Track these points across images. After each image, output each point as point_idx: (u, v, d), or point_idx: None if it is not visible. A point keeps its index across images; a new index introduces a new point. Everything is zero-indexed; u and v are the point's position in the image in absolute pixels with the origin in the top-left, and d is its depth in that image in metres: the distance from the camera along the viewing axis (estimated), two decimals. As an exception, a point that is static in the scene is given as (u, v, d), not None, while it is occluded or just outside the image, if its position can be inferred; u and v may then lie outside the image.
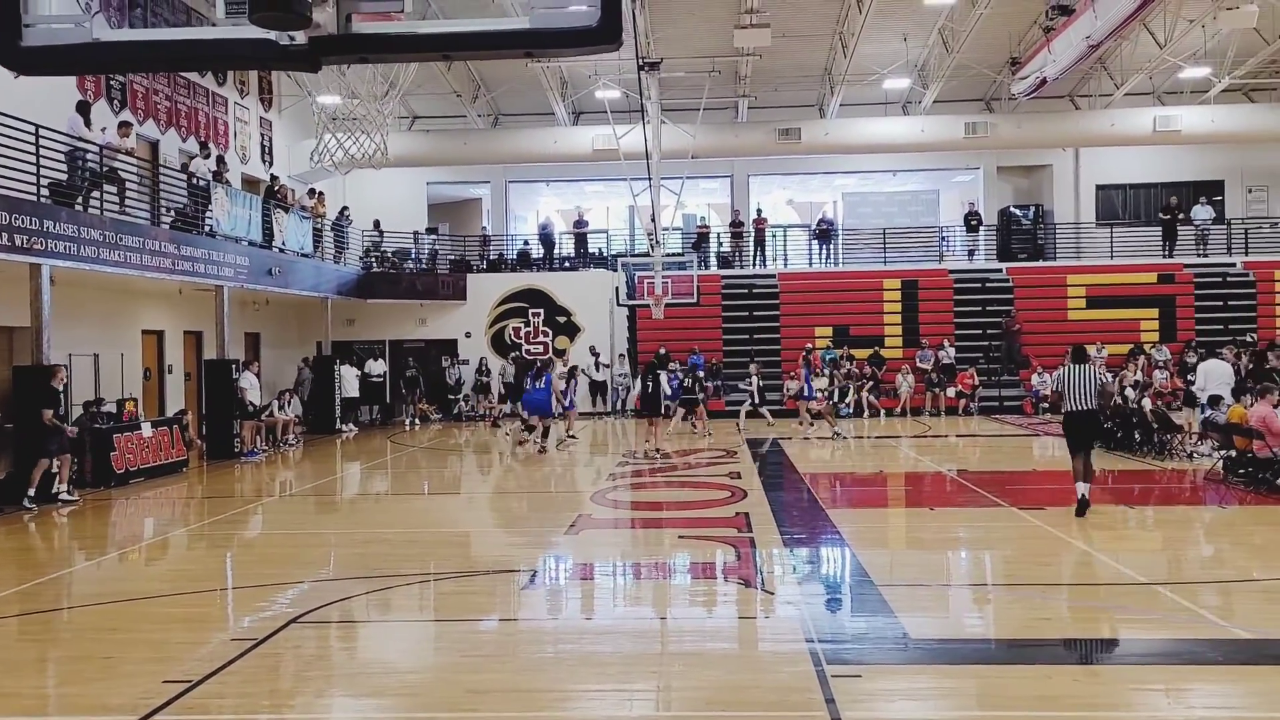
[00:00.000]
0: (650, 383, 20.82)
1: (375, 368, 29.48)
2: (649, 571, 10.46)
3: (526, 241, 34.47)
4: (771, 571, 10.19)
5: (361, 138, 17.10)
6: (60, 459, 15.40)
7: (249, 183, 26.91)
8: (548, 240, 33.86)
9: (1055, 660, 7.29)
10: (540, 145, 32.40)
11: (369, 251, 30.74)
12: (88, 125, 17.71)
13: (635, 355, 30.44)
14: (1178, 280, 30.95)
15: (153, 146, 22.92)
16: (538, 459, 20.25)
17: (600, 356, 30.24)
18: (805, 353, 26.01)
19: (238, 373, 21.36)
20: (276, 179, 26.95)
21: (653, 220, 26.70)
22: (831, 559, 10.95)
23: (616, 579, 10.36)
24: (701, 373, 26.45)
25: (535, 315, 31.40)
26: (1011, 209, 34.80)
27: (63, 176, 16.86)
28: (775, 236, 35.21)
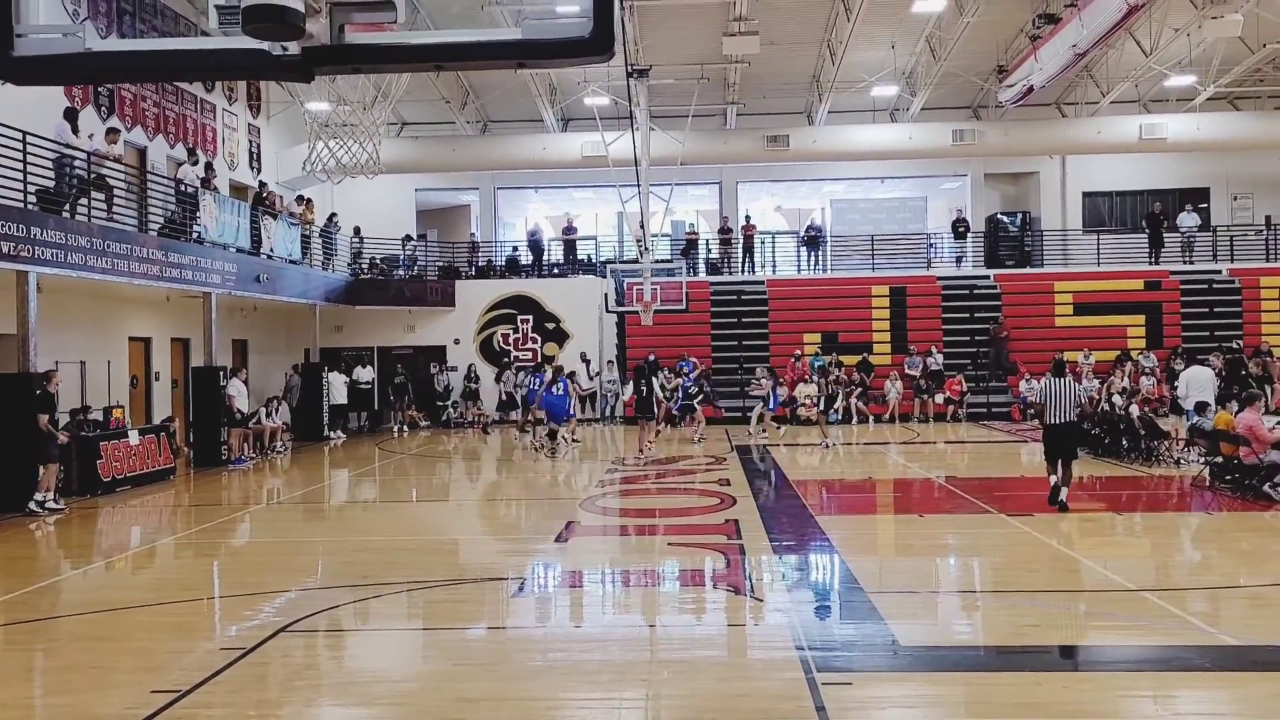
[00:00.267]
0: (644, 386, 21.43)
1: (363, 374, 29.43)
2: (638, 579, 10.46)
3: (515, 248, 34.41)
4: (761, 579, 10.20)
5: (353, 146, 17.12)
6: (47, 467, 15.35)
7: (237, 189, 26.85)
8: (536, 247, 33.84)
9: (1044, 667, 7.32)
10: (529, 152, 32.39)
11: (357, 257, 30.73)
12: (75, 132, 17.67)
13: (624, 362, 30.43)
14: (1164, 287, 31.04)
15: (140, 153, 22.85)
16: (532, 465, 20.26)
17: (591, 363, 30.24)
18: (792, 361, 26.06)
19: (225, 380, 21.30)
20: (265, 185, 26.91)
21: (641, 227, 26.71)
22: (821, 566, 10.96)
23: (606, 586, 10.36)
24: (688, 380, 26.56)
25: (524, 322, 31.39)
26: (999, 216, 34.88)
27: (50, 183, 16.80)
28: (764, 243, 35.24)
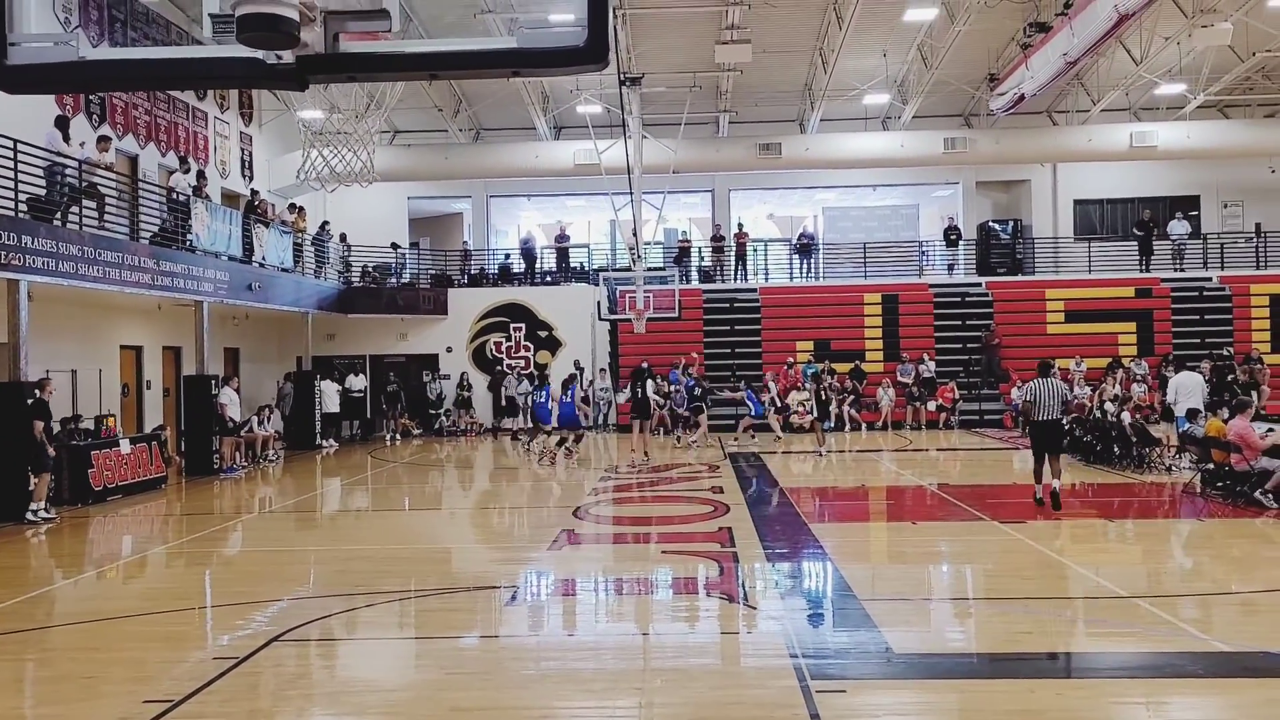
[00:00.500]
0: (639, 391, 21.90)
1: (356, 383, 29.38)
2: (632, 587, 10.45)
3: (508, 256, 34.44)
4: (755, 586, 10.19)
5: (347, 154, 17.12)
6: (39, 476, 15.31)
7: (229, 197, 26.83)
8: (529, 255, 33.84)
9: (1038, 674, 7.32)
10: (521, 160, 32.39)
11: (349, 266, 30.71)
12: (66, 140, 17.66)
13: (617, 369, 30.43)
14: (1155, 294, 31.13)
15: (132, 161, 22.83)
16: (525, 473, 20.25)
17: (585, 371, 30.23)
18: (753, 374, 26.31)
19: (217, 388, 21.25)
20: (257, 194, 26.89)
21: (634, 235, 26.72)
22: (814, 573, 10.96)
23: (599, 595, 10.35)
24: (677, 385, 26.67)
25: (517, 330, 31.38)
26: (990, 224, 34.95)
27: (41, 192, 16.79)
28: (756, 251, 35.23)
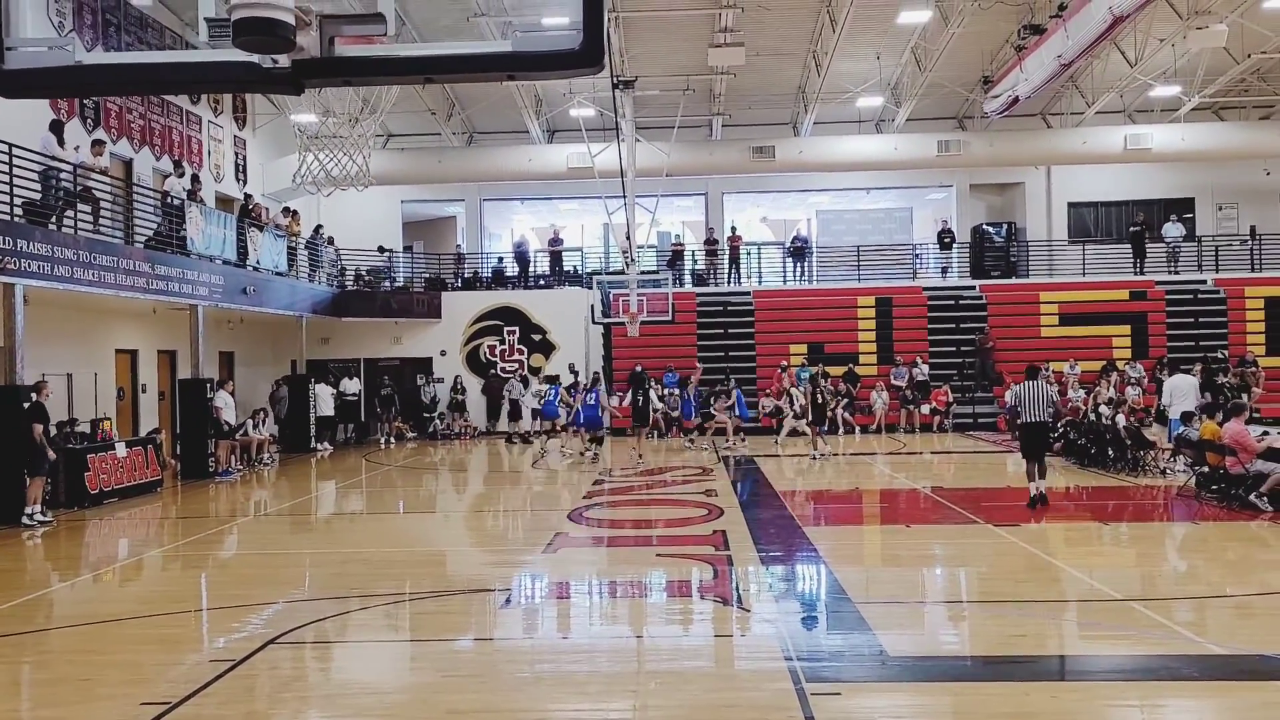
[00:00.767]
0: (640, 395, 22.58)
1: (350, 386, 29.37)
2: (626, 590, 10.46)
3: (501, 259, 34.42)
4: (749, 589, 10.20)
5: (343, 158, 17.11)
6: (33, 480, 15.28)
7: (223, 201, 26.82)
8: (523, 258, 33.84)
9: (1032, 677, 7.32)
10: (515, 163, 32.40)
11: (344, 271, 30.71)
12: (61, 144, 17.63)
13: (611, 373, 30.42)
14: (1149, 297, 31.16)
15: (126, 165, 22.81)
16: (520, 476, 20.27)
17: (579, 375, 30.19)
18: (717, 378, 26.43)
19: (212, 392, 21.24)
20: (250, 197, 26.87)
21: (628, 238, 26.73)
22: (809, 576, 10.98)
23: (594, 598, 10.36)
24: (671, 389, 26.75)
25: (510, 333, 31.38)
26: (984, 226, 34.95)
27: (36, 196, 16.77)
28: (750, 254, 35.21)
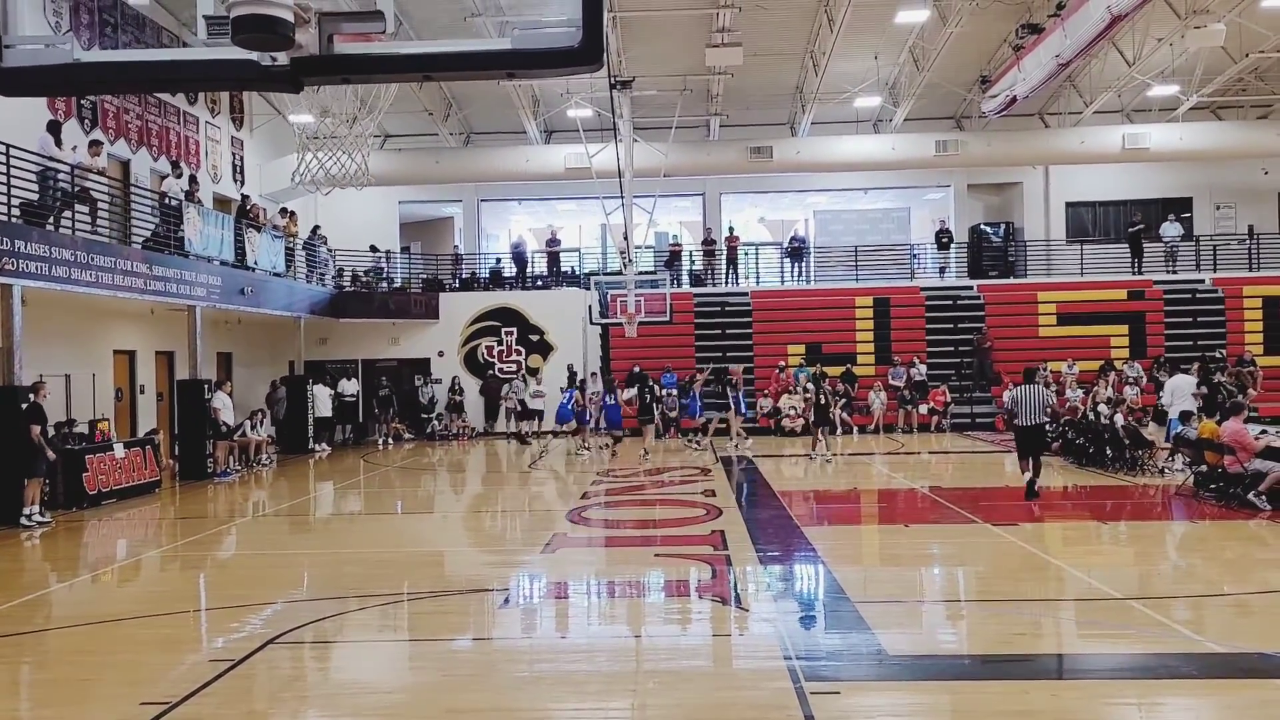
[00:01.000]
0: (646, 394, 22.98)
1: (348, 387, 29.36)
2: (625, 590, 10.46)
3: (499, 260, 34.40)
4: (748, 589, 10.20)
5: (342, 157, 17.08)
6: (30, 481, 15.26)
7: (220, 202, 26.80)
8: (520, 259, 33.81)
9: (1031, 675, 7.32)
10: (512, 164, 32.38)
11: (341, 272, 30.71)
12: (58, 145, 17.61)
13: (609, 373, 30.40)
14: (1147, 297, 31.18)
15: (124, 166, 22.80)
16: (517, 476, 20.29)
17: (577, 375, 30.18)
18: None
19: (210, 393, 21.22)
20: (248, 198, 26.85)
21: (625, 239, 26.72)
22: (807, 576, 10.97)
23: (592, 598, 10.35)
24: (669, 389, 26.75)
25: (508, 334, 31.36)
26: (982, 226, 34.95)
27: (34, 196, 16.76)
28: (747, 254, 35.20)
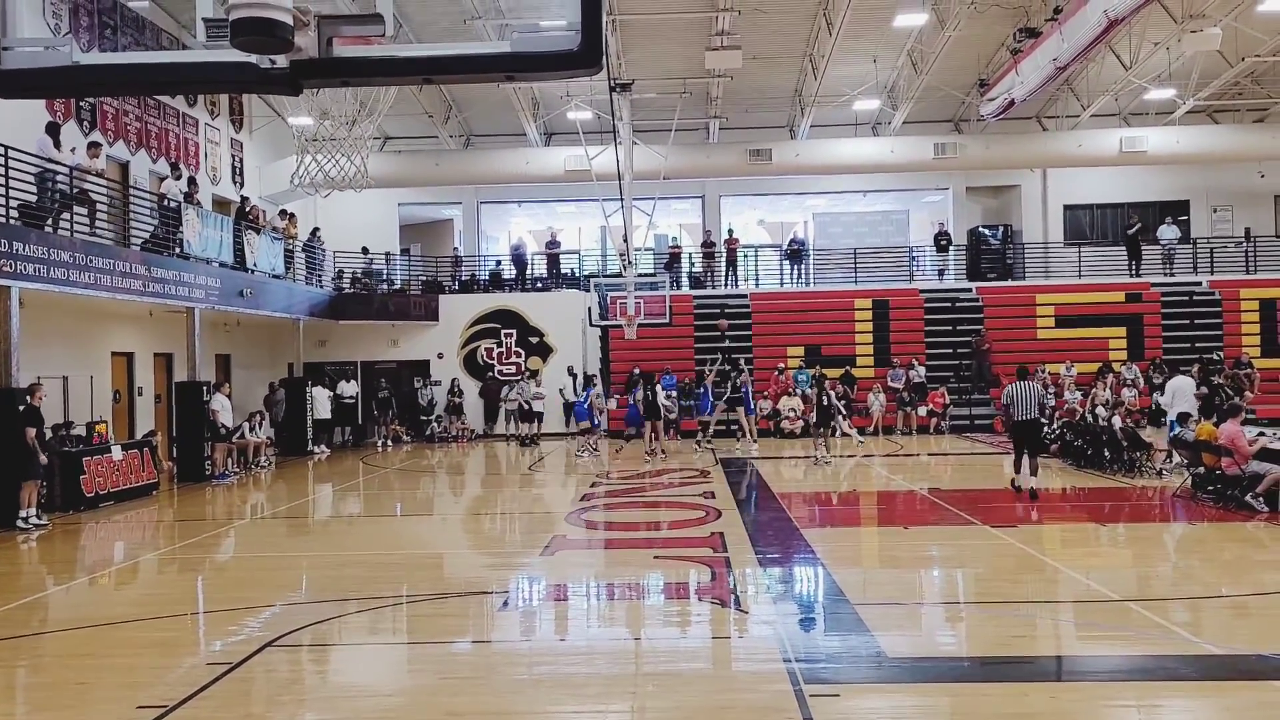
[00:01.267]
0: (650, 393, 23.29)
1: (347, 389, 29.34)
2: (624, 592, 10.45)
3: (499, 262, 34.41)
4: (747, 591, 10.20)
5: (342, 160, 17.11)
6: (26, 484, 15.23)
7: (220, 204, 26.77)
8: (520, 261, 33.81)
9: (1030, 677, 7.32)
10: (512, 166, 32.40)
11: (341, 274, 30.72)
12: (57, 146, 17.61)
13: (608, 375, 30.44)
14: (1145, 299, 31.19)
15: (123, 168, 22.79)
16: (516, 478, 20.30)
17: (577, 378, 30.20)
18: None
19: (209, 395, 21.21)
20: (247, 200, 26.84)
21: (625, 241, 26.73)
22: (806, 578, 10.97)
23: (592, 600, 10.34)
24: (670, 391, 26.75)
25: (508, 336, 31.35)
26: (980, 229, 34.98)
27: (32, 198, 16.75)
28: (747, 256, 35.25)
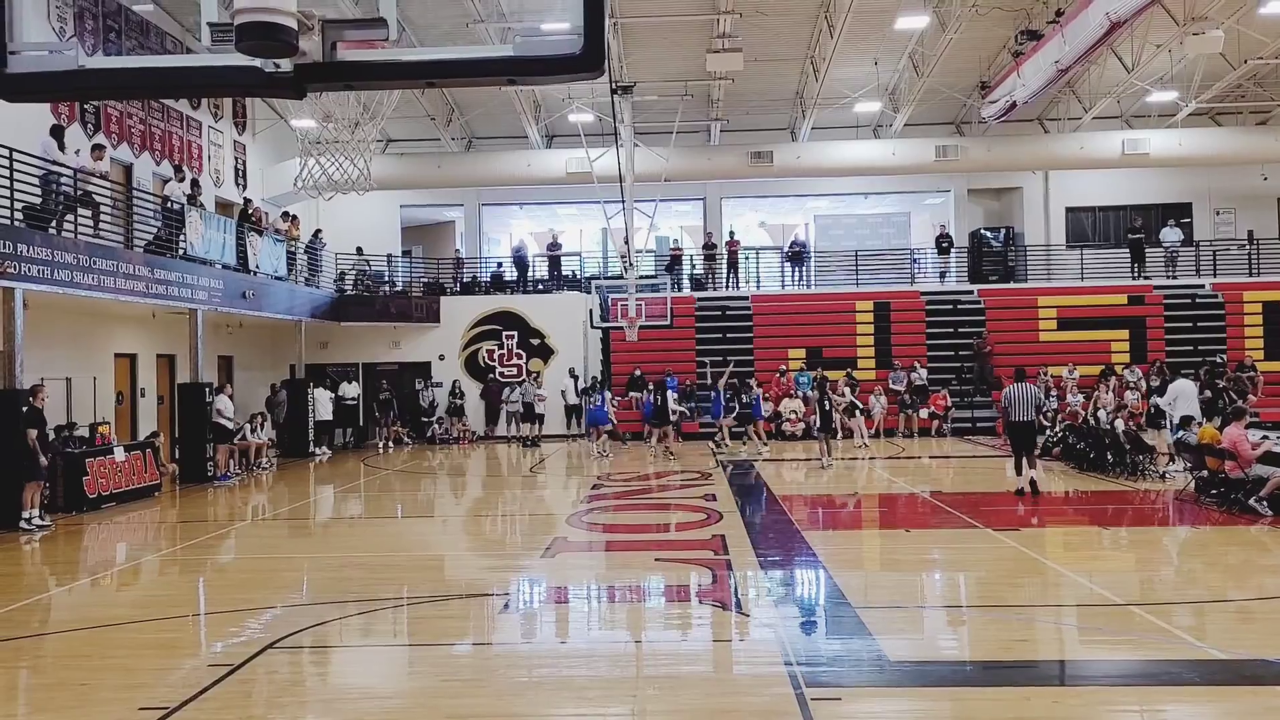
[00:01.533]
0: (660, 397, 23.69)
1: (349, 391, 29.35)
2: (625, 595, 10.45)
3: (500, 264, 34.42)
4: (748, 594, 10.20)
5: (344, 162, 17.10)
6: (29, 485, 15.24)
7: (222, 206, 26.79)
8: (521, 263, 33.83)
9: (1032, 681, 7.32)
10: (514, 168, 32.43)
11: (343, 275, 30.73)
12: (61, 149, 17.64)
13: (609, 377, 30.44)
14: (1147, 302, 31.18)
15: (126, 170, 22.80)
16: (517, 480, 20.31)
17: (578, 380, 30.22)
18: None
19: (213, 395, 21.21)
20: (250, 202, 26.85)
21: (626, 243, 26.75)
22: (808, 581, 10.96)
23: (592, 602, 10.34)
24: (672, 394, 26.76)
25: (509, 338, 31.34)
26: (982, 231, 34.99)
27: (37, 200, 16.77)
28: (748, 259, 35.27)
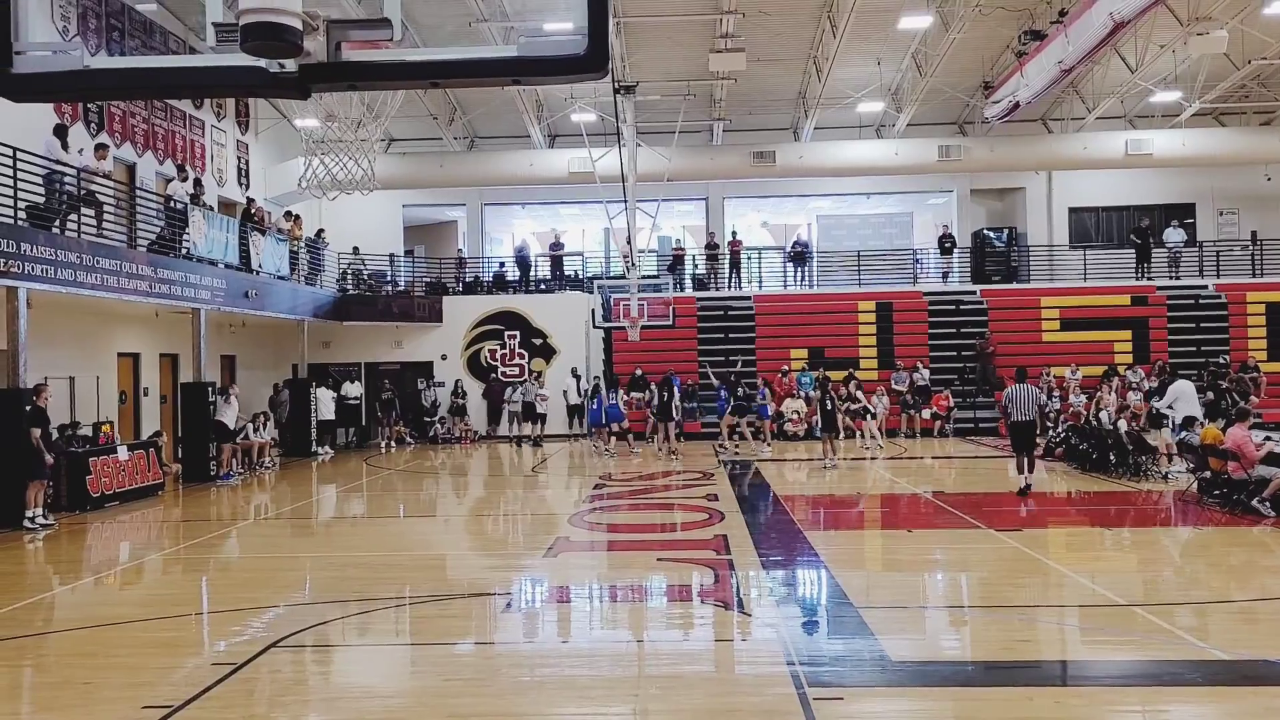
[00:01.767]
0: (665, 394, 23.83)
1: (351, 390, 29.38)
2: (627, 594, 10.45)
3: (502, 264, 34.41)
4: (750, 594, 10.20)
5: (348, 162, 17.10)
6: (32, 484, 15.26)
7: (225, 205, 26.79)
8: (524, 262, 33.85)
9: (1035, 682, 7.33)
10: (516, 168, 32.43)
11: (345, 275, 30.75)
12: (65, 148, 17.66)
13: (612, 377, 30.40)
14: (1150, 302, 31.14)
15: (130, 169, 22.82)
16: (519, 480, 20.33)
17: (581, 379, 30.22)
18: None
19: (215, 395, 21.23)
20: (253, 201, 26.86)
21: (628, 242, 26.75)
22: (810, 581, 10.97)
23: (595, 602, 10.35)
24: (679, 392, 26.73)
25: (511, 337, 31.35)
26: (985, 231, 34.98)
27: (40, 199, 16.79)
28: (750, 259, 35.24)
